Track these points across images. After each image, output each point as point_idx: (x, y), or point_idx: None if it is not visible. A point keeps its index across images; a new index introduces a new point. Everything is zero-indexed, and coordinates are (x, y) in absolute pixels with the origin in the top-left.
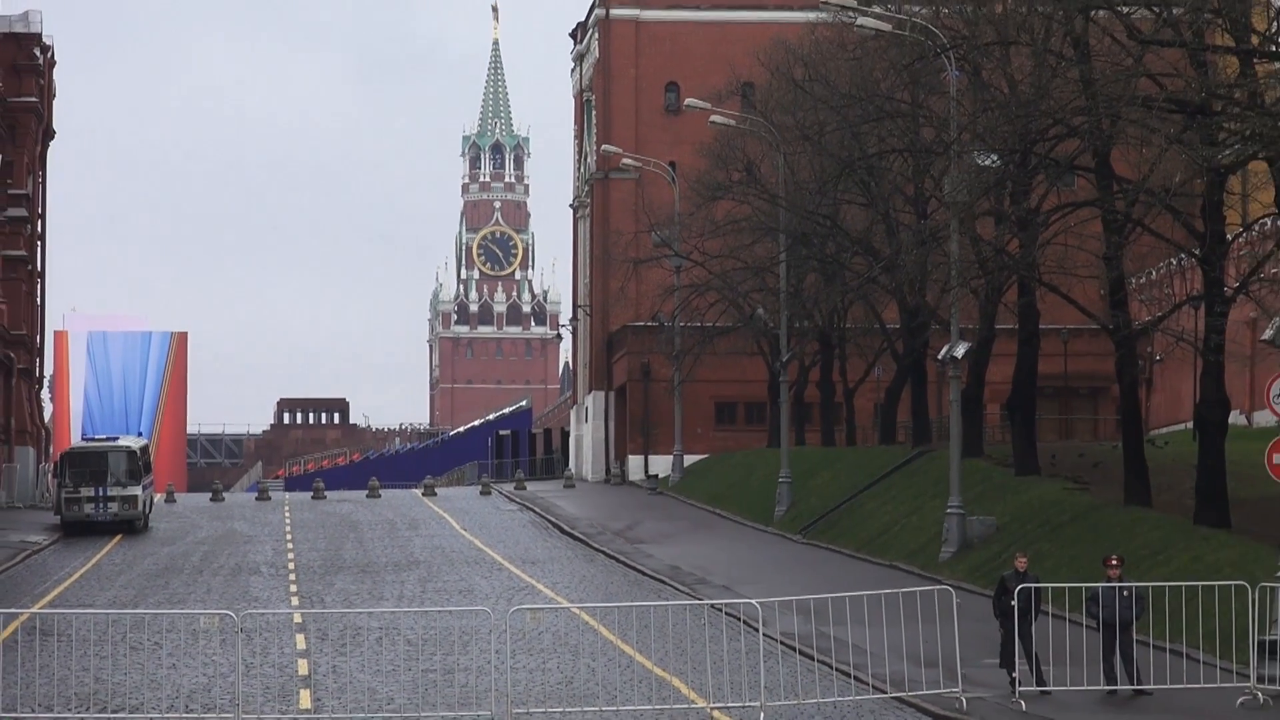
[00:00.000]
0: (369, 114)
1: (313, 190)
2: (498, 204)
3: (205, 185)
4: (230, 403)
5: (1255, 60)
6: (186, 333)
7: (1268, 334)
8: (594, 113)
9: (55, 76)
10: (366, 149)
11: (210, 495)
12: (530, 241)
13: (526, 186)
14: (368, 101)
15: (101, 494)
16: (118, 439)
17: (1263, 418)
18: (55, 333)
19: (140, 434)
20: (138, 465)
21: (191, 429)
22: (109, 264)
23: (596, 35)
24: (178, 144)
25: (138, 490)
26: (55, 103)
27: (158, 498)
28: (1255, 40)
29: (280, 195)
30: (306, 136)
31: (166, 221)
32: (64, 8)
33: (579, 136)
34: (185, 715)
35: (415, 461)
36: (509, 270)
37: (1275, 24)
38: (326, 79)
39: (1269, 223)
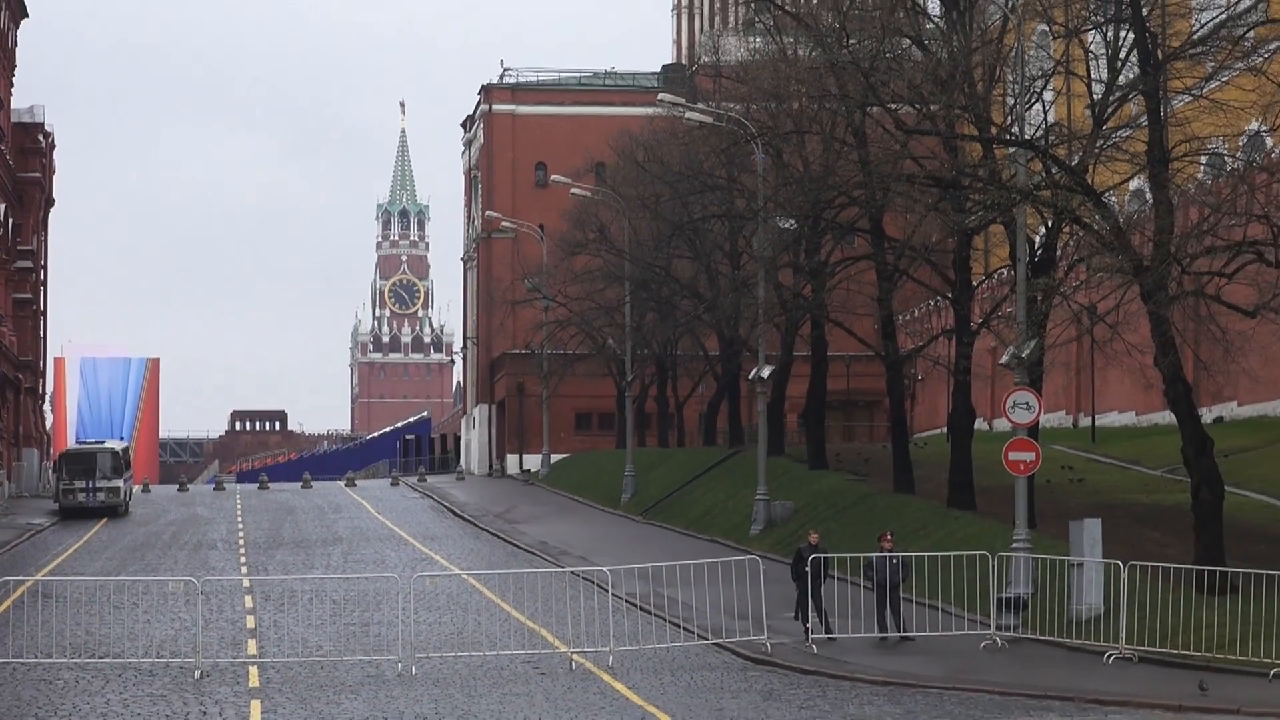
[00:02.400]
0: (304, 183)
1: (259, 244)
2: (404, 257)
3: (174, 240)
4: (193, 413)
5: (994, 146)
6: (159, 358)
7: (1004, 359)
8: (480, 186)
9: (55, 156)
10: (302, 211)
11: (177, 487)
12: (430, 287)
13: (427, 244)
14: (303, 173)
15: (92, 486)
16: (104, 442)
17: (1001, 424)
18: (55, 359)
19: (122, 438)
20: (120, 463)
21: (163, 434)
22: (98, 304)
23: (482, 125)
24: (152, 207)
25: (120, 483)
26: (55, 177)
27: (136, 489)
28: (994, 130)
29: (234, 248)
30: (253, 201)
31: (144, 269)
32: (62, 101)
33: (468, 204)
34: (157, 660)
35: (339, 460)
36: (413, 309)
37: (1009, 118)
38: (269, 155)
39: (1005, 272)
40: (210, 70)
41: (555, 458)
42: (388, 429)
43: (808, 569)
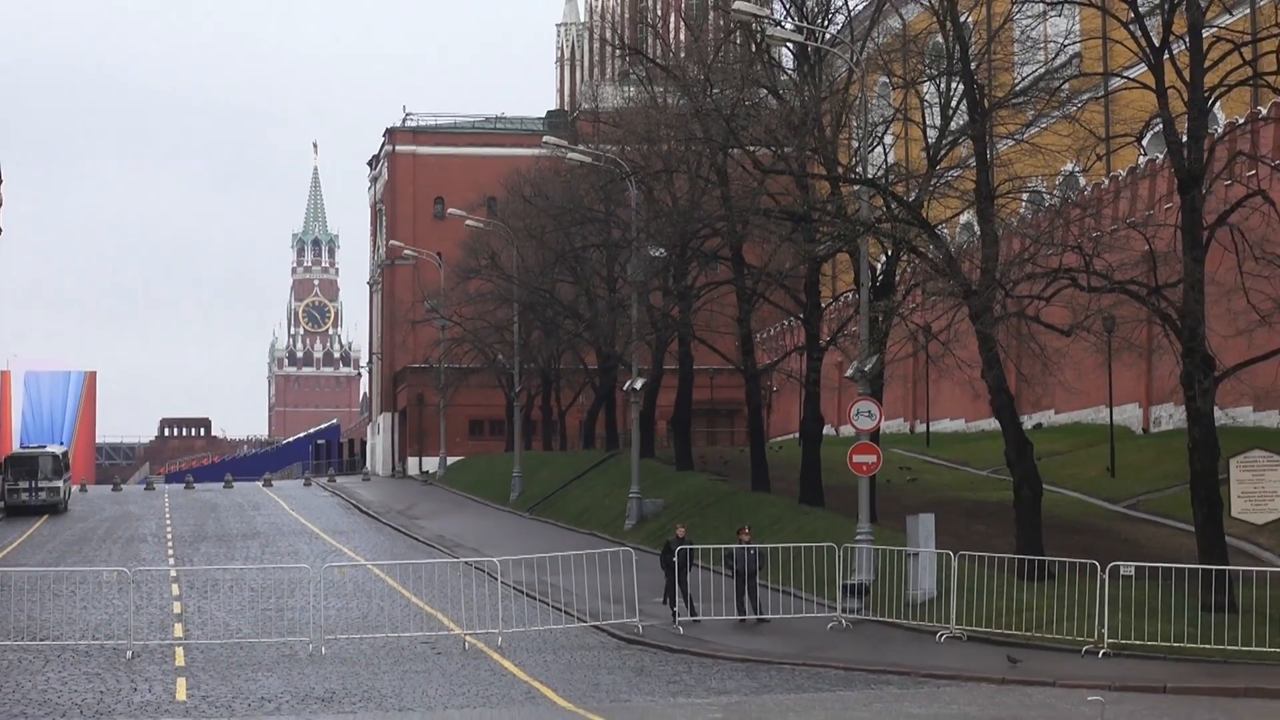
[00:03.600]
0: (227, 215)
1: (186, 268)
2: (317, 281)
3: (110, 264)
4: (126, 420)
5: (841, 184)
6: (96, 371)
7: (849, 372)
8: (384, 218)
9: (3, 191)
10: (224, 239)
11: (112, 487)
12: (339, 308)
13: (337, 269)
14: (226, 206)
15: (34, 486)
16: (46, 447)
17: (846, 430)
18: (1, 373)
19: (62, 443)
20: (61, 465)
21: (99, 439)
22: (42, 323)
23: (386, 164)
24: (92, 234)
25: (60, 483)
26: (2, 210)
27: (74, 488)
28: (840, 170)
29: (163, 271)
30: (181, 228)
31: (83, 291)
32: (5, 137)
33: (374, 234)
34: (92, 642)
35: (258, 462)
36: (325, 328)
37: (854, 159)
38: (195, 189)
39: (850, 295)
40: (142, 110)
41: (451, 460)
42: (301, 435)
43: (675, 559)
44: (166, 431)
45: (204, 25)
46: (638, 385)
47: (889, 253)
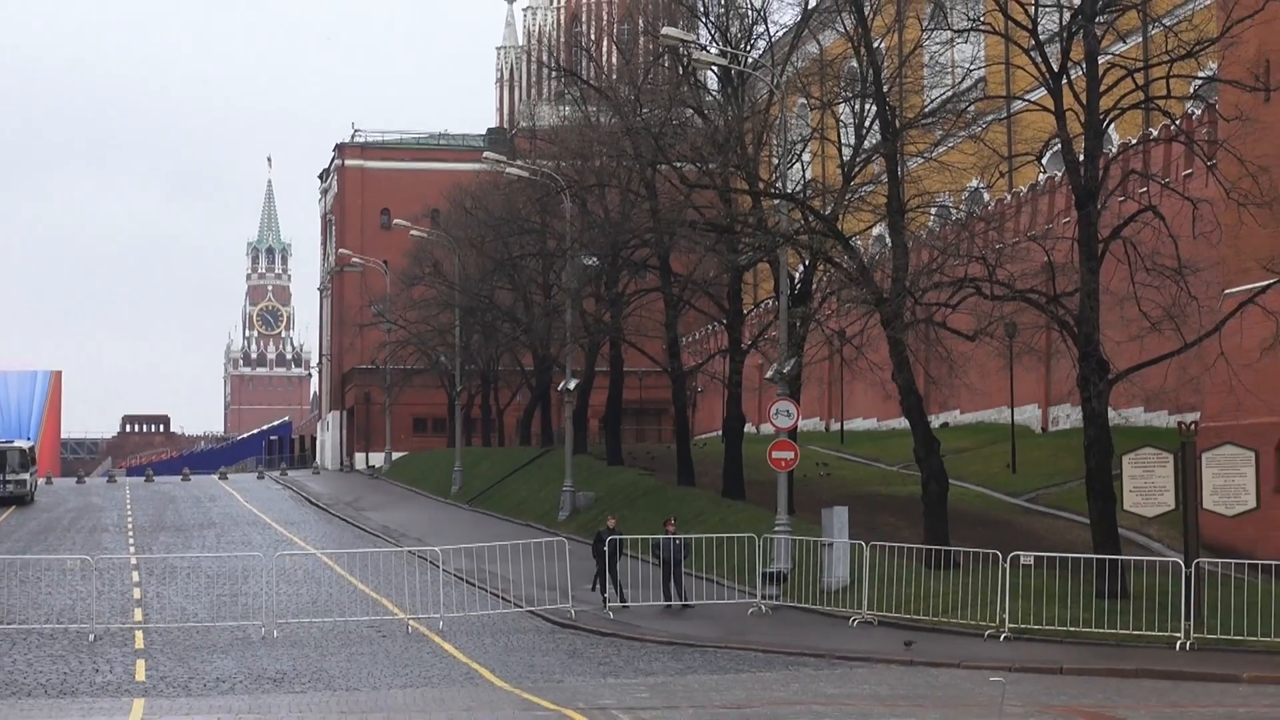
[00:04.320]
0: (185, 224)
1: (148, 274)
2: (270, 287)
3: (74, 269)
4: (90, 417)
5: (761, 198)
6: (61, 371)
7: (769, 374)
8: (334, 227)
9: None
10: (183, 247)
11: (76, 480)
12: (292, 312)
13: (289, 276)
14: (184, 215)
15: (3, 478)
16: (13, 441)
17: (766, 428)
18: None
19: (29, 438)
20: (28, 459)
21: (64, 435)
22: (9, 325)
23: (336, 177)
24: (58, 241)
25: (27, 476)
26: None
27: (40, 481)
28: (761, 185)
29: (126, 277)
30: (141, 236)
31: (48, 295)
32: None
33: (324, 243)
34: (57, 626)
35: (214, 457)
36: (278, 331)
37: (774, 175)
38: (155, 197)
39: (770, 302)
40: (106, 125)
41: (396, 455)
42: (255, 431)
43: (605, 548)
44: (128, 428)
45: (164, 45)
46: (571, 385)
47: (806, 263)
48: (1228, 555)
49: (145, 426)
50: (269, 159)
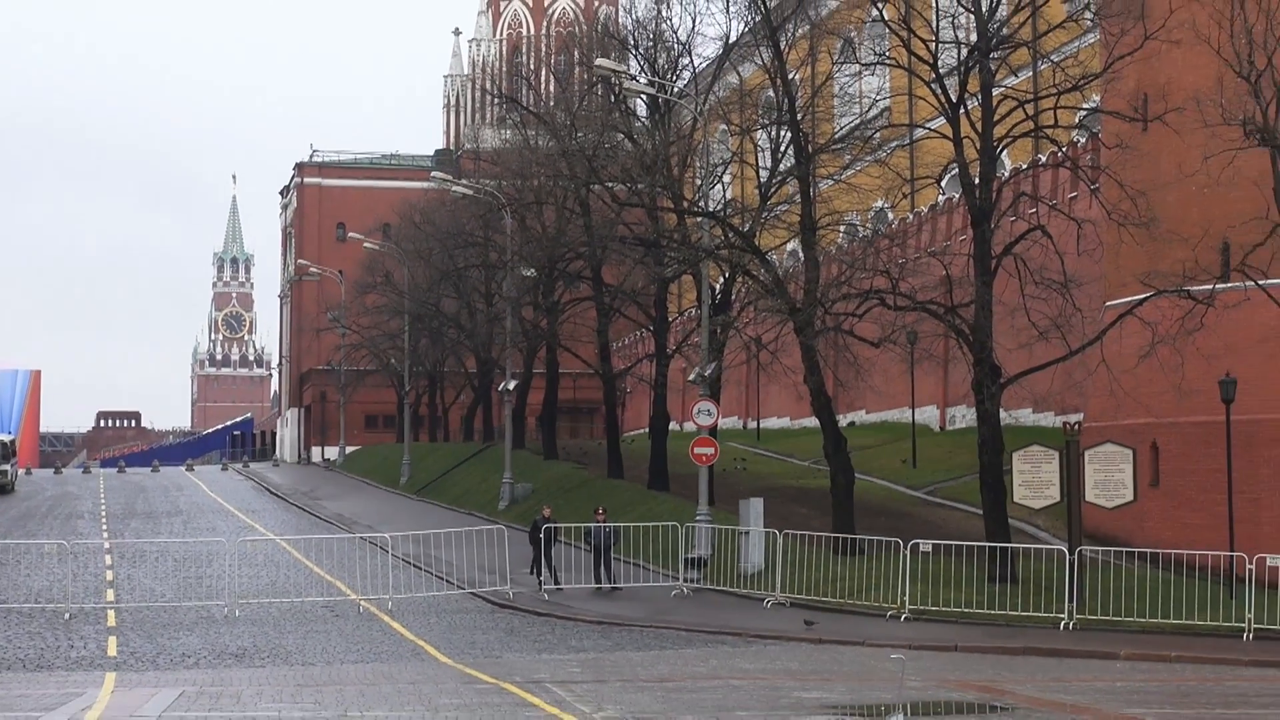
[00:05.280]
0: (156, 235)
1: (120, 280)
2: (234, 294)
3: (54, 275)
4: (67, 412)
5: (685, 216)
6: (40, 370)
7: (692, 376)
8: (293, 239)
9: None
10: (154, 256)
11: (53, 471)
12: (254, 317)
13: (252, 284)
14: (155, 227)
15: None
16: None
17: (689, 426)
18: None
19: (10, 432)
20: (9, 451)
21: (42, 429)
22: None
23: (295, 193)
24: (38, 249)
25: (8, 467)
26: None
27: (20, 472)
28: (685, 204)
29: (100, 282)
30: (115, 245)
31: (28, 298)
32: None
33: (284, 254)
34: (35, 605)
35: (182, 450)
36: (241, 334)
37: (698, 195)
38: (128, 210)
39: (693, 311)
40: (82, 143)
41: (349, 449)
42: (220, 427)
43: (541, 535)
44: (102, 423)
45: (138, 70)
46: (511, 386)
47: (726, 275)
48: (1108, 544)
49: (118, 422)
50: (234, 176)
